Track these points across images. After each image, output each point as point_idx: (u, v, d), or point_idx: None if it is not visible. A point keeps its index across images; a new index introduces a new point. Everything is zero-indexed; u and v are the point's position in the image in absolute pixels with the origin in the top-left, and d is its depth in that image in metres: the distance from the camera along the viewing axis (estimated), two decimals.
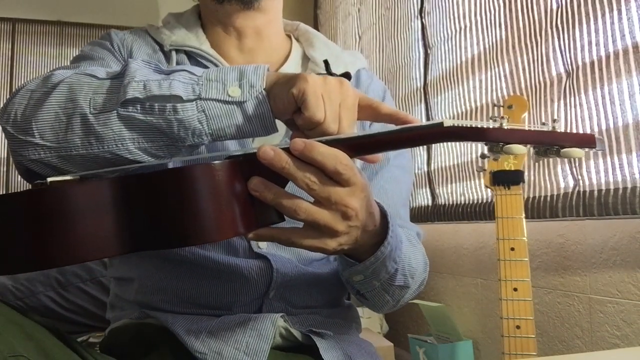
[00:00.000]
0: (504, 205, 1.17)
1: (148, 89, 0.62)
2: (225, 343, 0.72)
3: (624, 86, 1.28)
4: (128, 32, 0.92)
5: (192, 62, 0.87)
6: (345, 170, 0.56)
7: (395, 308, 0.83)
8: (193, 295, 0.79)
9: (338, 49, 0.95)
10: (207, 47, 0.88)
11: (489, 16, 1.79)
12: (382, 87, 0.97)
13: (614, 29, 1.31)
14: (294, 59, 0.93)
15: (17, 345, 0.50)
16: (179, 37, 0.88)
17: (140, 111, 0.62)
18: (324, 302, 0.85)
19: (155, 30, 0.91)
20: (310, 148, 0.55)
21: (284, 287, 0.80)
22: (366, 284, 0.71)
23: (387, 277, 0.71)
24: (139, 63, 0.66)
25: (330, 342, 0.77)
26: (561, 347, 1.52)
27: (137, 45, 0.88)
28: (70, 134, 0.63)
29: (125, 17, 4.08)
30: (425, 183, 2.17)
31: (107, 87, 0.64)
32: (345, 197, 0.57)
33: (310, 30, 0.98)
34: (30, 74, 4.51)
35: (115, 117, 0.63)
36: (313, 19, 3.44)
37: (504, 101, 1.28)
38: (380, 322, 2.31)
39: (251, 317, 0.76)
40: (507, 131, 0.56)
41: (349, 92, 0.62)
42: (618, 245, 1.34)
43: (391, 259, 0.68)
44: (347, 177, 0.56)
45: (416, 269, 0.77)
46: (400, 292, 0.76)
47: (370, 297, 0.74)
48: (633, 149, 1.26)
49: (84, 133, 0.63)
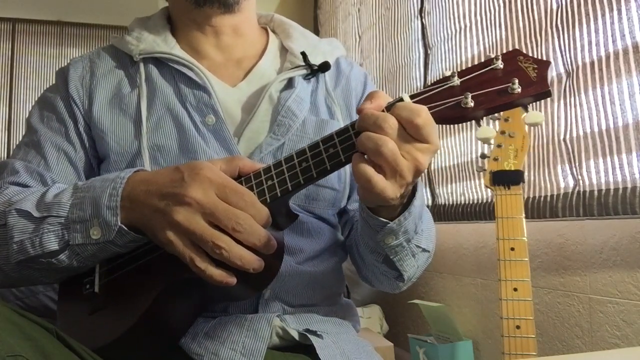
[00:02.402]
0: (504, 205, 1.17)
1: (24, 250, 0.68)
2: (222, 344, 0.72)
3: (624, 86, 1.28)
4: (88, 56, 0.91)
5: (164, 69, 0.86)
6: (425, 125, 0.59)
7: (412, 279, 0.83)
8: None
9: (315, 39, 0.95)
10: (178, 50, 0.87)
11: (489, 16, 1.79)
12: (362, 73, 0.98)
13: (614, 29, 1.31)
14: (271, 51, 0.93)
15: (15, 345, 0.50)
16: (147, 45, 0.87)
17: (30, 267, 0.70)
18: (320, 300, 0.84)
19: (121, 42, 0.90)
20: (396, 106, 0.61)
21: (279, 287, 0.79)
22: (397, 246, 0.73)
23: (416, 238, 0.74)
24: (14, 217, 0.69)
25: (327, 341, 0.77)
26: (561, 347, 1.52)
27: (98, 74, 0.88)
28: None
29: (125, 17, 4.07)
30: (425, 183, 2.17)
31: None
32: (423, 153, 0.60)
33: (286, 21, 0.98)
34: (30, 74, 4.50)
35: (20, 268, 0.70)
36: (313, 19, 3.44)
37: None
38: (380, 322, 2.31)
39: (247, 318, 0.76)
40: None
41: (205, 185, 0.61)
42: (618, 245, 1.34)
43: (418, 217, 0.72)
44: (426, 133, 0.59)
45: (434, 234, 0.82)
46: (423, 256, 0.79)
47: (399, 260, 0.75)
48: (633, 149, 1.26)
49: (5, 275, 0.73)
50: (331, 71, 0.92)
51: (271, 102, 0.85)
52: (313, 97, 0.89)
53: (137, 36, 0.89)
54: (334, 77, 0.94)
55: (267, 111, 0.85)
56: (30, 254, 0.67)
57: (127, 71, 0.88)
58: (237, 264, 0.59)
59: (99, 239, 0.66)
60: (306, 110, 0.86)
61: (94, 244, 0.66)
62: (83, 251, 0.67)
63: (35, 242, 0.67)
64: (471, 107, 0.60)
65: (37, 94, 4.50)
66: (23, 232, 0.68)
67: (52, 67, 4.56)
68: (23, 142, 0.87)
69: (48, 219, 0.68)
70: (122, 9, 4.09)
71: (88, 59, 0.91)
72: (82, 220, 0.67)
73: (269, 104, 0.85)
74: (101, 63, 0.89)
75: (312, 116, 0.87)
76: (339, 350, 0.77)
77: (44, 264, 0.69)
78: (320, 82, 0.91)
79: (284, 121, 0.83)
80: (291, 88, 0.86)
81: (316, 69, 0.88)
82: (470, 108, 0.60)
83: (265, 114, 0.85)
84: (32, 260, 0.68)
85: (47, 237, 0.67)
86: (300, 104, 0.86)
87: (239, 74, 0.89)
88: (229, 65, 0.90)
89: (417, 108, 0.59)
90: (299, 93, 0.86)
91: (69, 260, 0.68)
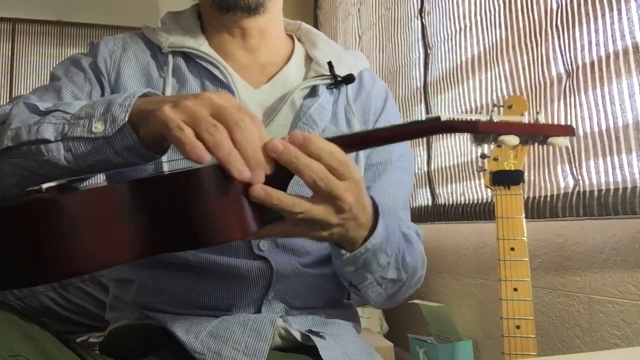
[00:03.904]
0: (504, 205, 1.17)
1: (18, 136, 0.64)
2: (225, 343, 0.72)
3: (624, 86, 1.28)
4: (122, 37, 0.91)
5: (190, 64, 0.87)
6: (340, 166, 0.58)
7: (392, 303, 0.83)
8: (192, 296, 0.79)
9: (341, 50, 0.95)
10: (206, 47, 0.87)
11: (489, 16, 1.79)
12: (384, 89, 0.97)
13: (614, 29, 1.31)
14: (297, 58, 0.93)
15: (16, 345, 0.50)
16: (176, 39, 0.88)
17: (16, 156, 0.65)
18: (323, 303, 0.85)
19: (152, 32, 0.90)
20: (308, 142, 0.57)
21: (283, 289, 0.80)
22: (358, 275, 0.73)
23: (379, 270, 0.73)
24: (20, 107, 0.68)
25: (329, 342, 0.77)
26: (561, 347, 1.52)
27: (129, 52, 0.88)
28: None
29: (125, 17, 4.08)
30: (425, 183, 2.17)
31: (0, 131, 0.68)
32: (343, 192, 0.59)
33: (312, 30, 0.98)
34: (30, 74, 4.50)
35: (3, 159, 0.66)
36: (313, 19, 3.44)
37: (504, 101, 1.27)
38: (380, 322, 2.31)
39: (250, 318, 0.76)
40: (497, 124, 0.60)
41: (224, 98, 0.57)
42: (618, 245, 1.34)
43: (382, 251, 0.71)
44: (341, 172, 0.58)
45: (411, 264, 0.79)
46: (394, 286, 0.78)
47: (363, 288, 0.76)
48: (633, 149, 1.26)
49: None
50: (353, 83, 0.92)
51: (292, 108, 0.85)
52: (334, 107, 0.89)
53: (167, 29, 0.90)
54: (356, 89, 0.93)
55: (287, 116, 0.85)
56: (23, 139, 0.64)
57: (157, 59, 0.88)
58: (222, 155, 0.53)
59: (99, 134, 0.61)
60: (327, 119, 0.86)
61: (90, 139, 0.62)
62: (76, 147, 0.62)
63: (32, 129, 0.64)
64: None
65: None
66: (23, 122, 0.66)
67: (52, 67, 4.55)
68: (42, 86, 0.85)
69: (54, 113, 0.65)
70: (122, 9, 4.09)
71: (121, 39, 0.91)
72: (88, 116, 0.63)
73: (290, 110, 0.85)
74: (133, 44, 0.90)
75: (332, 126, 0.87)
76: (341, 350, 0.77)
77: (31, 152, 0.64)
78: (342, 93, 0.90)
79: (304, 128, 0.83)
80: (315, 96, 0.86)
81: (340, 80, 0.88)
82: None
83: (285, 118, 0.84)
84: (21, 145, 0.64)
85: (45, 127, 0.64)
86: (322, 112, 0.86)
87: (262, 78, 0.89)
88: (254, 68, 0.90)
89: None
90: (322, 102, 0.86)
91: (57, 154, 0.63)
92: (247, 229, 0.56)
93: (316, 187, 0.58)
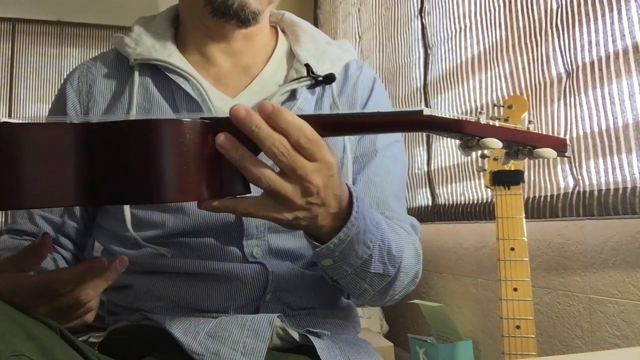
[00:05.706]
0: (504, 205, 1.17)
1: None
2: (223, 344, 0.72)
3: (624, 86, 1.28)
4: (91, 62, 0.88)
5: (160, 77, 0.83)
6: (309, 144, 0.55)
7: (386, 301, 0.79)
8: (189, 300, 0.79)
9: (324, 42, 0.91)
10: (176, 58, 0.83)
11: (489, 16, 1.79)
12: (371, 76, 0.93)
13: (614, 29, 1.31)
14: (277, 57, 0.89)
15: (19, 344, 0.50)
16: (144, 49, 0.84)
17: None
18: (321, 303, 0.84)
19: (121, 43, 0.86)
20: (277, 113, 0.54)
21: (280, 290, 0.79)
22: (337, 269, 0.68)
23: (360, 263, 0.68)
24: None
25: (327, 342, 0.77)
26: (561, 347, 1.52)
27: (98, 77, 0.86)
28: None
29: (125, 17, 4.07)
30: (425, 183, 2.17)
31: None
32: (310, 172, 0.55)
33: (296, 21, 0.94)
34: (30, 74, 4.51)
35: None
36: (313, 19, 3.44)
37: (503, 101, 1.28)
38: (380, 322, 2.31)
39: (248, 318, 0.76)
40: (483, 126, 0.57)
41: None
42: (618, 245, 1.34)
43: (360, 243, 0.66)
44: (311, 152, 0.55)
45: (400, 257, 0.74)
46: (381, 281, 0.73)
47: (345, 284, 0.72)
48: (633, 149, 1.26)
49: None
50: (338, 77, 0.89)
51: None
52: (318, 105, 0.87)
53: (137, 38, 0.86)
54: (341, 84, 0.90)
55: None
56: None
57: (125, 74, 0.85)
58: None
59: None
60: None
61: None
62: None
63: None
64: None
65: (37, 94, 4.50)
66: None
67: (52, 67, 4.56)
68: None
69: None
70: (122, 9, 4.09)
71: (86, 67, 0.88)
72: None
73: None
74: (102, 65, 0.87)
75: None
76: (339, 350, 0.77)
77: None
78: (327, 89, 0.88)
79: None
80: (293, 100, 0.84)
81: (321, 80, 0.85)
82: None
83: None
84: None
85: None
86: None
87: (244, 81, 0.87)
88: (236, 72, 0.87)
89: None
90: (300, 105, 0.83)
91: None
92: (201, 194, 0.53)
93: (278, 162, 0.54)
